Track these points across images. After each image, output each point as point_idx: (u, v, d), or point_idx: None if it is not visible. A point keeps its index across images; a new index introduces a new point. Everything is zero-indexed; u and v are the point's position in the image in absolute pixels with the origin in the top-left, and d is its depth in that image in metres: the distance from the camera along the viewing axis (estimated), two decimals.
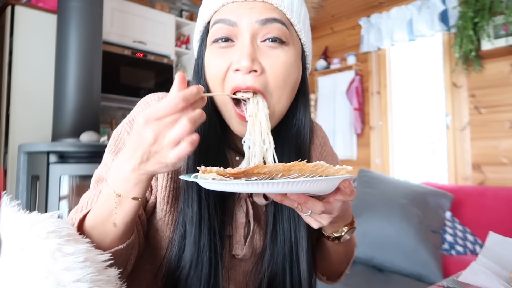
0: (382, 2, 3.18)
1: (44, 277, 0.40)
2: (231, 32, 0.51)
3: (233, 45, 0.51)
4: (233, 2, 0.51)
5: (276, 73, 0.50)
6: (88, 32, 2.09)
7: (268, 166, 0.40)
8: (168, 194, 0.56)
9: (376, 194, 2.10)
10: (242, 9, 0.50)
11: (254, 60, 0.49)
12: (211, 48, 0.53)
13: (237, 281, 0.61)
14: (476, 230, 2.02)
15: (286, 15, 0.52)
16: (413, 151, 3.14)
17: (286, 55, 0.51)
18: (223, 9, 0.52)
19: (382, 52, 3.30)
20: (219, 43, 0.52)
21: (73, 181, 1.90)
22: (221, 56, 0.51)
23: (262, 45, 0.51)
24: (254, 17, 0.50)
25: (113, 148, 0.58)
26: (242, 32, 0.50)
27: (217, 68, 0.51)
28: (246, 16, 0.50)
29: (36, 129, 2.29)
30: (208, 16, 0.54)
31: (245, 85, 0.49)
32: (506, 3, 2.33)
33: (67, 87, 2.03)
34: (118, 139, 0.59)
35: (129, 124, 0.59)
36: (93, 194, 0.55)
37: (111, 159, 0.57)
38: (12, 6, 2.26)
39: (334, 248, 0.61)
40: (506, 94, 2.52)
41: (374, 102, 3.31)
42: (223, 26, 0.51)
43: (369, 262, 1.84)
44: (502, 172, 2.51)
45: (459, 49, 2.57)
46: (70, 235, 0.45)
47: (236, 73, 0.49)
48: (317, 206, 0.44)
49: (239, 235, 0.59)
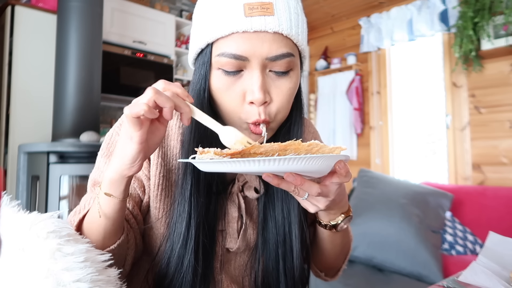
0: (382, 2, 3.18)
1: (44, 277, 0.40)
2: (240, 65, 0.51)
3: (241, 75, 0.52)
4: (243, 32, 0.49)
5: (282, 101, 0.53)
6: (88, 32, 2.09)
7: (264, 146, 0.41)
8: (161, 192, 0.57)
9: (376, 194, 2.10)
10: (252, 43, 0.49)
11: (265, 92, 0.51)
12: (218, 74, 0.52)
13: (233, 275, 0.62)
14: (476, 230, 2.02)
15: (294, 41, 0.52)
16: (413, 151, 3.14)
17: (291, 83, 0.54)
18: (231, 38, 0.50)
19: (382, 52, 3.30)
20: (227, 72, 0.51)
21: (73, 181, 1.90)
22: (232, 86, 0.52)
23: (270, 74, 0.52)
24: (265, 53, 0.49)
25: (105, 152, 0.59)
26: (252, 65, 0.50)
27: (232, 100, 0.52)
28: (257, 51, 0.49)
29: (36, 129, 2.29)
30: (212, 38, 0.51)
31: (261, 119, 0.51)
32: (506, 3, 2.33)
33: (67, 87, 2.03)
34: (110, 142, 0.60)
35: (119, 127, 0.60)
36: (89, 197, 0.57)
37: (104, 162, 0.58)
38: (12, 6, 2.26)
39: (331, 238, 0.61)
40: (506, 94, 2.52)
41: (374, 102, 3.31)
42: (233, 61, 0.50)
43: (369, 262, 1.84)
44: (502, 172, 2.52)
45: (459, 49, 2.57)
46: (70, 235, 0.45)
47: (251, 106, 0.51)
48: (313, 187, 0.45)
49: (232, 229, 0.60)
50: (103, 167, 0.58)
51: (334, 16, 3.51)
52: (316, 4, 3.26)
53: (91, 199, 0.56)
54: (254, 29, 0.48)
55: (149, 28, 2.88)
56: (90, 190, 0.59)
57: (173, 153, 0.59)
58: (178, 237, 0.53)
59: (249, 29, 0.48)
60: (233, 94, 0.51)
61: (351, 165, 3.41)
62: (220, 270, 0.59)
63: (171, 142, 0.59)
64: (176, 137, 0.59)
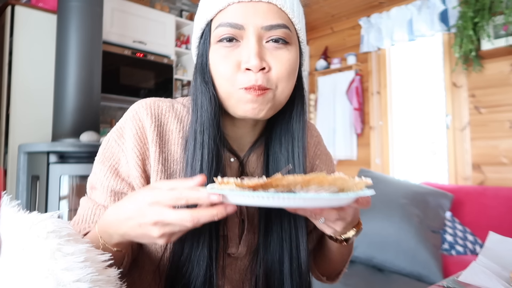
0: (382, 2, 3.18)
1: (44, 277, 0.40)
2: (236, 33, 0.52)
3: (238, 45, 0.53)
4: (239, 2, 0.52)
5: (281, 71, 0.53)
6: (88, 32, 2.09)
7: (287, 179, 0.40)
8: None
9: (376, 194, 2.10)
10: (248, 11, 0.52)
11: (262, 59, 0.51)
12: (216, 47, 0.54)
13: (233, 280, 0.61)
14: (476, 230, 2.02)
15: (288, 15, 0.54)
16: (413, 151, 3.14)
17: (290, 54, 0.54)
18: (228, 9, 0.53)
19: (382, 52, 3.30)
20: (224, 43, 0.53)
21: (73, 181, 1.90)
22: (228, 56, 0.53)
23: (267, 45, 0.53)
24: (260, 22, 0.52)
25: (101, 158, 0.59)
26: (248, 34, 0.52)
27: (227, 68, 0.52)
28: (251, 20, 0.52)
29: (36, 129, 2.29)
30: (211, 14, 0.54)
31: (257, 84, 0.51)
32: (506, 3, 2.33)
33: (67, 87, 2.03)
34: (106, 147, 0.59)
35: (117, 132, 0.59)
36: (87, 207, 0.58)
37: (99, 169, 0.58)
38: (12, 6, 2.26)
39: (340, 250, 0.62)
40: (506, 94, 2.52)
41: (374, 102, 3.31)
42: (230, 29, 0.52)
43: (369, 262, 1.84)
44: (502, 172, 2.52)
45: (459, 49, 2.57)
46: (70, 235, 0.45)
47: (246, 72, 0.52)
48: (332, 214, 0.45)
49: (234, 234, 0.59)
50: (99, 173, 0.58)
51: (334, 16, 3.51)
52: (316, 4, 3.26)
53: (89, 209, 0.57)
54: None
55: (149, 28, 2.88)
56: (89, 194, 0.60)
57: (173, 158, 0.58)
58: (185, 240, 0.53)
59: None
60: (229, 63, 0.52)
61: (351, 165, 3.42)
62: (221, 275, 0.59)
63: (171, 147, 0.58)
64: (176, 141, 0.59)
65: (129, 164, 0.57)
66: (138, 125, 0.57)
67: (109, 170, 0.57)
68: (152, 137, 0.57)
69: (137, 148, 0.56)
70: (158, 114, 0.59)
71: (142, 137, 0.57)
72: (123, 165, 0.57)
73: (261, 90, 0.51)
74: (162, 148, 0.57)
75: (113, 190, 0.57)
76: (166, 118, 0.59)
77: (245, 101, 0.52)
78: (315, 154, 0.71)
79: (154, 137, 0.57)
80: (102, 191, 0.57)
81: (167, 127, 0.59)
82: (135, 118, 0.58)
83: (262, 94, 0.52)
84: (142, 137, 0.57)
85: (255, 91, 0.51)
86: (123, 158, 0.57)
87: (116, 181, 0.56)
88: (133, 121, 0.58)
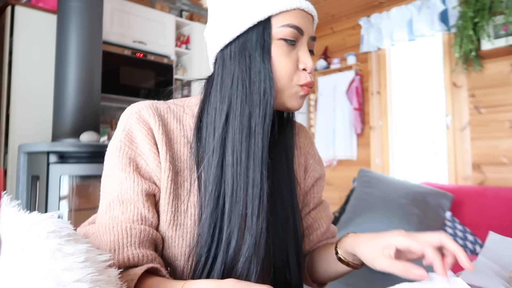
0: (382, 2, 3.18)
1: (44, 277, 0.40)
2: (298, 37, 0.59)
3: (295, 47, 0.60)
4: (302, 10, 0.58)
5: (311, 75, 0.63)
6: (88, 32, 2.09)
7: None
8: (169, 195, 0.57)
9: (376, 194, 2.10)
10: (306, 20, 0.59)
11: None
12: (279, 43, 0.58)
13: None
14: (476, 230, 2.02)
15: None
16: (413, 151, 3.14)
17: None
18: (293, 13, 0.58)
19: (382, 52, 3.30)
20: (288, 42, 0.58)
21: (73, 181, 1.90)
22: (290, 54, 0.59)
23: None
24: (310, 32, 0.61)
25: (121, 166, 0.57)
26: (304, 40, 0.60)
27: (289, 65, 0.59)
28: (309, 29, 0.60)
29: (36, 129, 2.29)
30: (274, 10, 0.57)
31: (312, 83, 0.61)
32: (506, 3, 2.33)
33: (67, 87, 2.03)
34: (121, 155, 0.57)
35: (127, 138, 0.58)
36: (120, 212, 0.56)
37: (124, 178, 0.56)
38: (12, 6, 2.26)
39: (347, 270, 0.64)
40: (506, 94, 2.52)
41: (374, 102, 3.31)
42: (296, 32, 0.58)
43: None
44: (502, 172, 2.52)
45: (459, 49, 2.57)
46: (70, 235, 0.45)
47: (303, 72, 0.60)
48: None
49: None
50: (127, 182, 0.56)
51: (334, 16, 3.52)
52: (316, 4, 3.26)
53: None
54: (308, 10, 0.59)
55: (149, 28, 2.88)
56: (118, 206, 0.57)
57: (177, 156, 0.59)
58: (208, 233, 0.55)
59: (306, 9, 0.59)
60: (291, 61, 0.59)
61: (351, 165, 3.42)
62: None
63: (175, 145, 0.60)
64: (178, 140, 0.60)
65: (149, 165, 0.58)
66: (146, 127, 0.58)
67: (135, 175, 0.56)
68: (158, 136, 0.58)
69: (154, 148, 0.58)
70: (160, 115, 0.60)
71: (152, 138, 0.58)
72: (143, 168, 0.58)
73: (310, 88, 0.61)
74: (168, 146, 0.59)
75: (147, 193, 0.57)
76: (166, 118, 0.60)
77: (300, 96, 0.61)
78: (309, 153, 0.75)
79: (160, 135, 0.58)
80: (136, 199, 0.56)
81: (169, 127, 0.60)
82: (140, 120, 0.58)
83: (308, 92, 0.61)
84: (153, 137, 0.58)
85: (308, 89, 0.61)
86: (142, 161, 0.58)
87: (146, 183, 0.57)
88: (139, 123, 0.58)
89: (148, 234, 0.55)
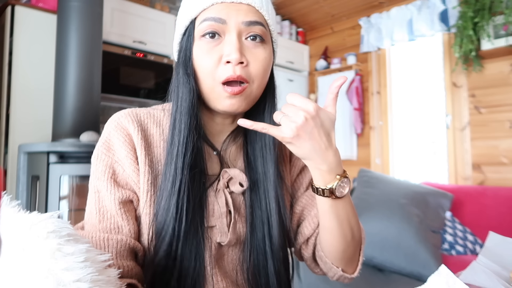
0: (382, 2, 3.18)
1: (44, 277, 0.40)
2: (219, 28, 0.56)
3: (220, 41, 0.57)
4: (222, 3, 0.57)
5: (258, 66, 0.58)
6: (88, 32, 2.09)
7: None
8: (150, 198, 0.59)
9: (376, 194, 2.10)
10: (230, 10, 0.56)
11: (241, 54, 0.56)
12: (199, 43, 0.58)
13: (227, 271, 0.63)
14: (476, 230, 2.02)
15: (265, 17, 0.60)
16: (413, 151, 3.14)
17: (265, 52, 0.59)
18: (212, 8, 0.57)
19: (382, 52, 3.30)
20: (207, 38, 0.57)
21: (73, 181, 1.90)
22: (211, 51, 0.57)
23: (246, 42, 0.58)
24: (241, 18, 0.57)
25: (97, 175, 0.59)
26: (230, 29, 0.56)
27: (209, 62, 0.56)
28: (233, 16, 0.56)
29: (36, 129, 2.29)
30: (196, 13, 0.58)
31: (235, 75, 0.55)
32: (506, 3, 2.33)
33: (67, 87, 2.03)
34: (98, 163, 0.60)
35: (104, 146, 0.60)
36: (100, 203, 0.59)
37: (101, 186, 0.58)
38: (12, 6, 2.26)
39: (333, 209, 0.57)
40: (506, 94, 2.52)
41: (374, 102, 3.31)
42: (213, 24, 0.56)
43: (369, 262, 1.84)
44: (502, 172, 2.52)
45: (459, 49, 2.57)
46: (70, 235, 0.45)
47: (226, 65, 0.56)
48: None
49: (222, 224, 0.62)
50: (104, 191, 0.58)
51: (334, 16, 3.51)
52: (316, 4, 3.26)
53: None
54: (231, 0, 0.57)
55: (149, 28, 2.87)
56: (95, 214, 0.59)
57: (157, 160, 0.61)
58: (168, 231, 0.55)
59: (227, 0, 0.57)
60: (212, 57, 0.56)
61: (351, 165, 3.42)
62: (213, 265, 0.61)
63: (154, 149, 0.61)
64: (158, 144, 0.62)
65: (126, 171, 0.59)
66: (124, 133, 0.60)
67: (110, 183, 0.58)
68: (137, 141, 0.59)
69: (131, 154, 0.59)
70: (139, 120, 0.62)
71: (130, 143, 0.59)
72: (120, 174, 0.59)
73: (240, 84, 0.56)
74: (147, 150, 0.60)
75: (122, 201, 0.58)
76: (146, 123, 0.62)
77: (225, 96, 0.56)
78: None
79: (139, 141, 0.59)
80: (112, 207, 0.57)
81: (148, 132, 0.62)
82: (118, 128, 0.60)
83: (239, 92, 0.56)
84: (131, 143, 0.59)
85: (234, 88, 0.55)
86: (118, 168, 0.59)
87: (120, 191, 0.58)
88: (117, 131, 0.60)
89: (125, 244, 0.56)
